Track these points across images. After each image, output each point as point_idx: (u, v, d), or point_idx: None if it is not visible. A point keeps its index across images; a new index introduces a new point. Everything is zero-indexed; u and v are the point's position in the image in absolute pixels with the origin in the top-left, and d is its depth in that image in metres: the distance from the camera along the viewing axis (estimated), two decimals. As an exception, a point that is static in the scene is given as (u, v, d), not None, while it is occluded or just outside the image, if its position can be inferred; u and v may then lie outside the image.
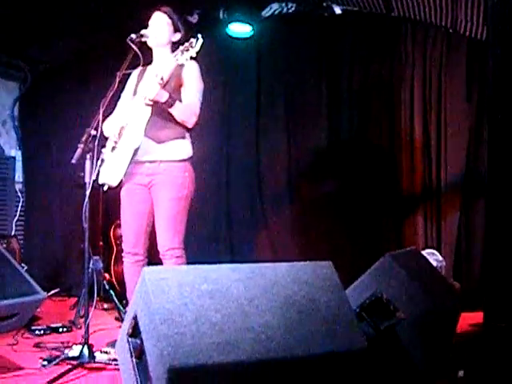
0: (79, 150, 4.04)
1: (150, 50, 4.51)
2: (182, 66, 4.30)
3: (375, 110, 6.71)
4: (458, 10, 5.86)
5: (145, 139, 4.27)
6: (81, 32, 6.87)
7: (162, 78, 4.14)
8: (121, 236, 4.65)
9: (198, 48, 4.11)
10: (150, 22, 4.49)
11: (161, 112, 4.26)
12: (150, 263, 4.37)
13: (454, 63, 6.37)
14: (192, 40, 4.13)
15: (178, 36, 4.51)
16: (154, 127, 4.27)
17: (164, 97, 4.18)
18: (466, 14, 5.85)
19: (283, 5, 6.89)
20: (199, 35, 4.14)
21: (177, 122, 4.33)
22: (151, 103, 4.21)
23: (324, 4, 6.60)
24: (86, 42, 7.21)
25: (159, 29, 4.47)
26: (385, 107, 6.67)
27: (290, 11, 6.95)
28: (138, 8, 4.86)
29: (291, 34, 7.01)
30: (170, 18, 4.51)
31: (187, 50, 4.12)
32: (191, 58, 4.15)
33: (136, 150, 4.26)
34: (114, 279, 6.39)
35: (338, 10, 6.64)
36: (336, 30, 6.86)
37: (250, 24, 6.74)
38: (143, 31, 4.38)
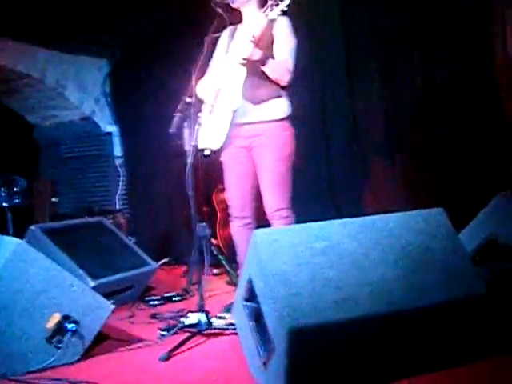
0: (176, 119, 4.05)
1: (237, 10, 4.43)
2: (272, 21, 4.12)
3: (467, 48, 6.46)
4: None
5: (241, 101, 4.20)
6: (166, 5, 6.84)
7: (253, 36, 4.03)
8: (224, 200, 4.64)
9: (288, 1, 3.94)
10: None
11: (255, 72, 4.17)
12: (257, 226, 4.36)
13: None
14: None
15: None
16: (249, 88, 4.19)
17: (257, 55, 4.07)
18: None
19: None
20: None
21: (272, 81, 4.23)
22: (245, 62, 4.12)
23: None
24: (172, 15, 7.19)
25: None
26: (478, 42, 6.41)
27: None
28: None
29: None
30: None
31: (277, 5, 3.96)
32: (282, 12, 3.99)
33: (235, 112, 4.19)
34: (220, 244, 6.43)
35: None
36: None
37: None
38: (225, -8, 4.32)
